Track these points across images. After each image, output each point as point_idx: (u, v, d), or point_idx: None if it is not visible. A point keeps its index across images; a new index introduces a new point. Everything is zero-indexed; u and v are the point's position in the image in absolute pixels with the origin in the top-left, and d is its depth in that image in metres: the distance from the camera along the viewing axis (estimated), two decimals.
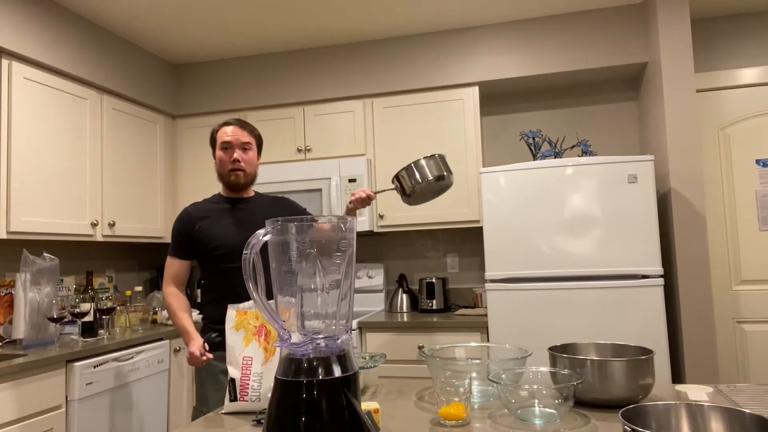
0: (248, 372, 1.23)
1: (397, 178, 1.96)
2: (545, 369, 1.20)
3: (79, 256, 3.32)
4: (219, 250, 1.96)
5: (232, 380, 1.22)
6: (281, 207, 2.14)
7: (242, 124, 2.04)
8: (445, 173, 1.93)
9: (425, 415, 1.15)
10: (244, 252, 0.88)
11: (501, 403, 1.17)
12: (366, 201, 1.98)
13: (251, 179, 2.07)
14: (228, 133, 2.01)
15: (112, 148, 3.16)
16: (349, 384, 0.87)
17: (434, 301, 3.33)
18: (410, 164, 1.93)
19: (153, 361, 2.85)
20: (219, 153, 2.03)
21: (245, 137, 2.02)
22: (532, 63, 3.25)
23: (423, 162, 1.92)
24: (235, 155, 2.00)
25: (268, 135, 3.57)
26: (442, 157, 1.96)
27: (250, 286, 0.88)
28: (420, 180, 1.90)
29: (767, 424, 0.78)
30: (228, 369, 1.24)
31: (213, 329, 1.98)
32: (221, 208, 2.03)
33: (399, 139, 3.37)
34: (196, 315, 2.99)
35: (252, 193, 2.12)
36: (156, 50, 3.55)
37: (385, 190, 2.16)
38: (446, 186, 1.99)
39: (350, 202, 1.99)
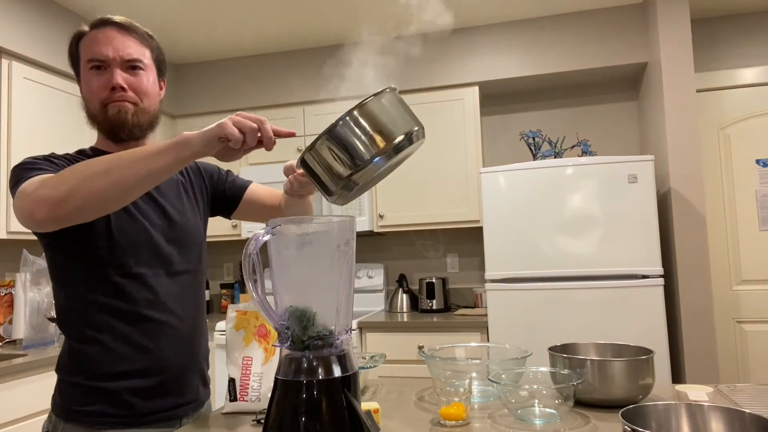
0: (248, 372, 1.23)
1: (304, 164, 0.94)
2: (545, 369, 1.20)
3: None
4: (127, 242, 1.17)
5: (232, 380, 1.22)
6: (197, 172, 1.43)
7: (126, 28, 1.22)
8: (415, 128, 0.97)
9: (425, 415, 1.15)
10: (244, 256, 0.87)
11: (501, 403, 1.17)
12: (304, 183, 1.14)
13: (149, 118, 1.25)
14: (100, 41, 1.17)
15: None
16: (349, 384, 0.87)
17: (434, 301, 3.33)
18: (333, 127, 0.90)
19: None
20: (86, 75, 1.19)
21: (132, 47, 1.20)
22: (532, 63, 3.25)
23: (351, 122, 0.91)
24: (115, 80, 1.16)
25: None
26: (394, 93, 0.99)
27: (250, 286, 0.87)
28: (358, 162, 0.90)
29: (767, 424, 0.78)
30: (228, 369, 1.24)
31: (111, 392, 1.13)
32: None
33: None
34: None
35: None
36: None
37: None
38: (409, 153, 1.00)
39: (287, 186, 1.18)
